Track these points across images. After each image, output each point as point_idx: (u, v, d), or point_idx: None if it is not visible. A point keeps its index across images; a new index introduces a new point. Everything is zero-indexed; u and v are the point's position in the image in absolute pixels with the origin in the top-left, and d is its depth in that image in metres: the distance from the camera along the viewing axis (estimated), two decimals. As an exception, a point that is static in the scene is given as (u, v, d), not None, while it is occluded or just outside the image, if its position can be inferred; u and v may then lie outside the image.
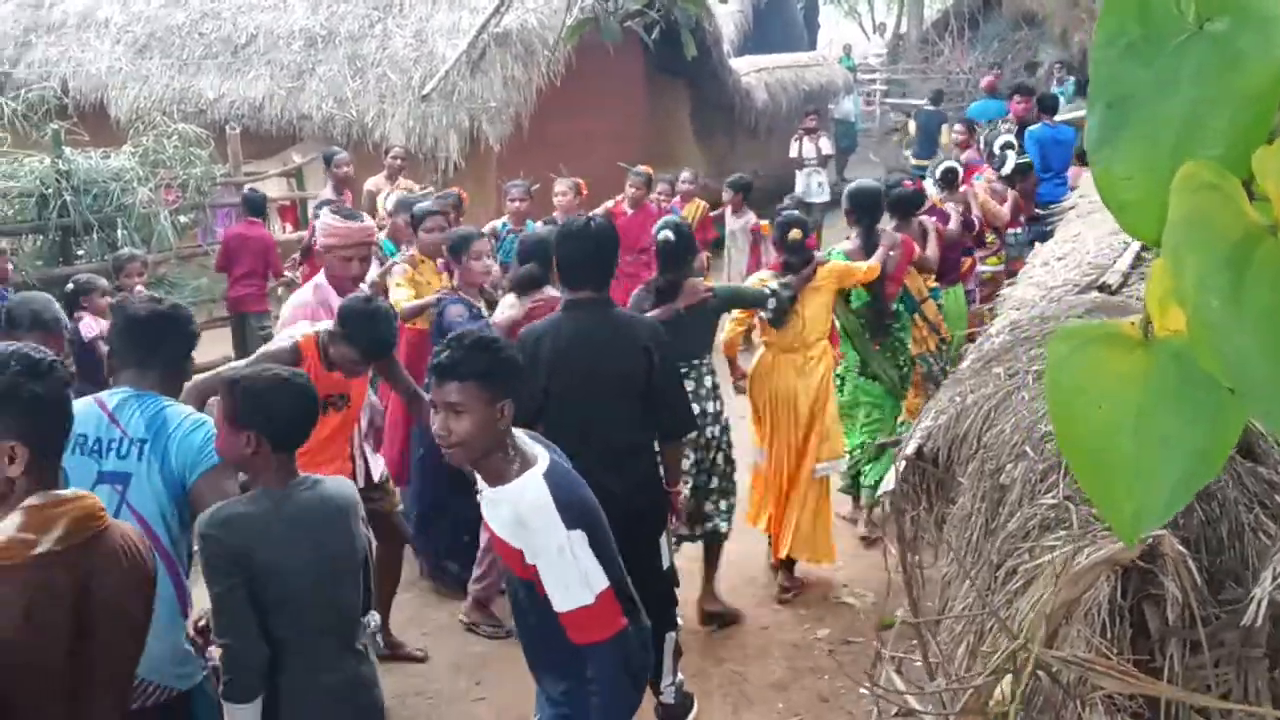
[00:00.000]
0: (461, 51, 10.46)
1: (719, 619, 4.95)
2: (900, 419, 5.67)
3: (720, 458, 4.83)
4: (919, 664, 2.62)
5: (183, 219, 8.41)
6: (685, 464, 4.51)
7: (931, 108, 15.01)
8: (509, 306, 4.89)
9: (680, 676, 4.24)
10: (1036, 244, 5.75)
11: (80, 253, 7.63)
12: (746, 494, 5.29)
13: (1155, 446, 0.78)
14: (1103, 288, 3.42)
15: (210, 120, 10.42)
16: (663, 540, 3.96)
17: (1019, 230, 8.28)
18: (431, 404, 2.63)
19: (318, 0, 11.58)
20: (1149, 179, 0.79)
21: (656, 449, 4.01)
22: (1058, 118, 10.09)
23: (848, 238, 5.76)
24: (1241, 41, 0.77)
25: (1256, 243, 0.74)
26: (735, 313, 5.29)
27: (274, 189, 10.12)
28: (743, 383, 5.43)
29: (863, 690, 4.01)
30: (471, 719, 4.31)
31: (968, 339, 4.88)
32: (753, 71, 14.98)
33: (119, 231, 7.60)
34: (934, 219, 6.56)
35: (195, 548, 2.76)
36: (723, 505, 4.87)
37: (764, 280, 5.25)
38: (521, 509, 2.54)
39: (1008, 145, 8.77)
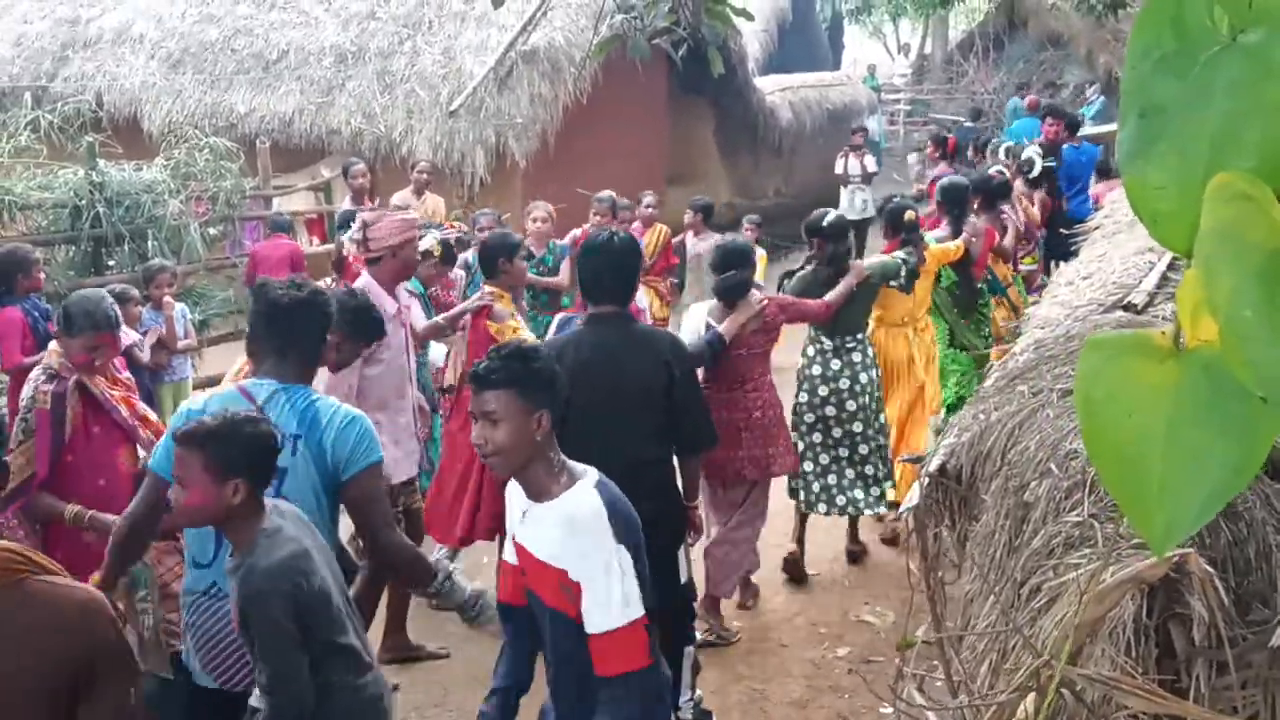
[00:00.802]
0: (489, 68, 10.55)
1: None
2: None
3: (873, 427, 5.46)
4: (941, 682, 2.61)
5: (212, 231, 8.49)
6: (819, 438, 5.39)
7: (970, 124, 15.64)
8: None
9: (699, 693, 4.23)
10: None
11: (111, 263, 7.72)
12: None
13: (1186, 457, 0.78)
14: (1128, 307, 3.40)
15: (241, 134, 10.55)
16: (680, 554, 3.96)
17: (1044, 231, 8.83)
18: (471, 415, 2.60)
19: (348, 18, 11.71)
20: (1182, 190, 0.80)
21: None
22: (1082, 132, 10.65)
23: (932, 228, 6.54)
24: (1275, 53, 0.77)
25: (1290, 254, 0.75)
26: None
27: (302, 203, 10.23)
28: None
29: (883, 709, 3.99)
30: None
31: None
32: (777, 90, 15.03)
33: (150, 243, 7.68)
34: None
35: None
36: (869, 471, 5.45)
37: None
38: (576, 518, 2.49)
39: (1035, 153, 9.37)
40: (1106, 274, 4.31)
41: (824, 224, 5.48)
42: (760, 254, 7.16)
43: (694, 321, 4.97)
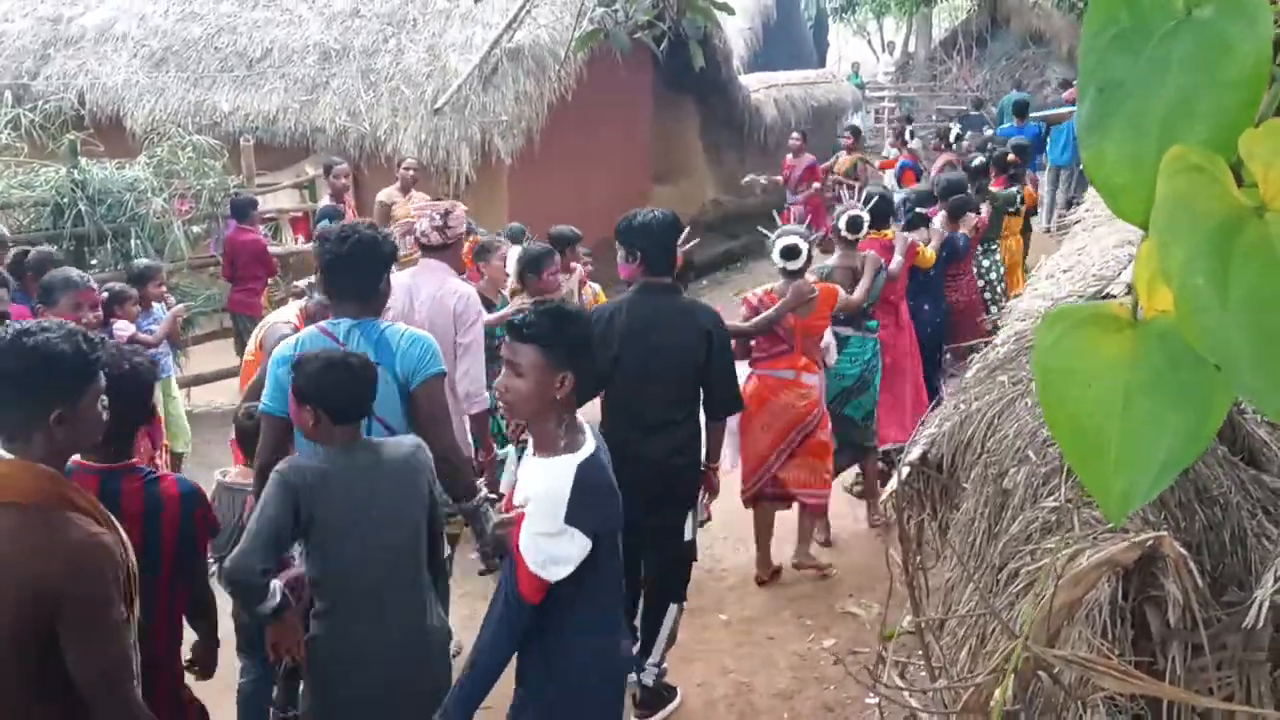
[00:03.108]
0: (474, 66, 10.53)
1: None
2: None
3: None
4: (924, 673, 2.63)
5: (195, 229, 8.47)
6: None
7: (975, 112, 17.16)
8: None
9: (665, 665, 4.33)
10: None
11: (94, 262, 7.68)
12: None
13: (1142, 426, 0.80)
14: (1107, 298, 3.43)
15: (225, 133, 10.50)
16: (690, 514, 4.23)
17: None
18: (504, 360, 2.75)
19: (332, 15, 11.68)
20: (1137, 163, 0.81)
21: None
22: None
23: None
24: (1228, 27, 0.78)
25: (1242, 224, 0.76)
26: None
27: (286, 200, 10.19)
28: None
29: (869, 699, 4.01)
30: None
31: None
32: (762, 88, 15.05)
33: (132, 241, 7.66)
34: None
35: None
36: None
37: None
38: (545, 486, 2.60)
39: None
40: (1087, 266, 4.35)
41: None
42: (595, 290, 6.65)
43: None
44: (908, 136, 13.47)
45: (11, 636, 2.18)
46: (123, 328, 5.61)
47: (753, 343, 5.31)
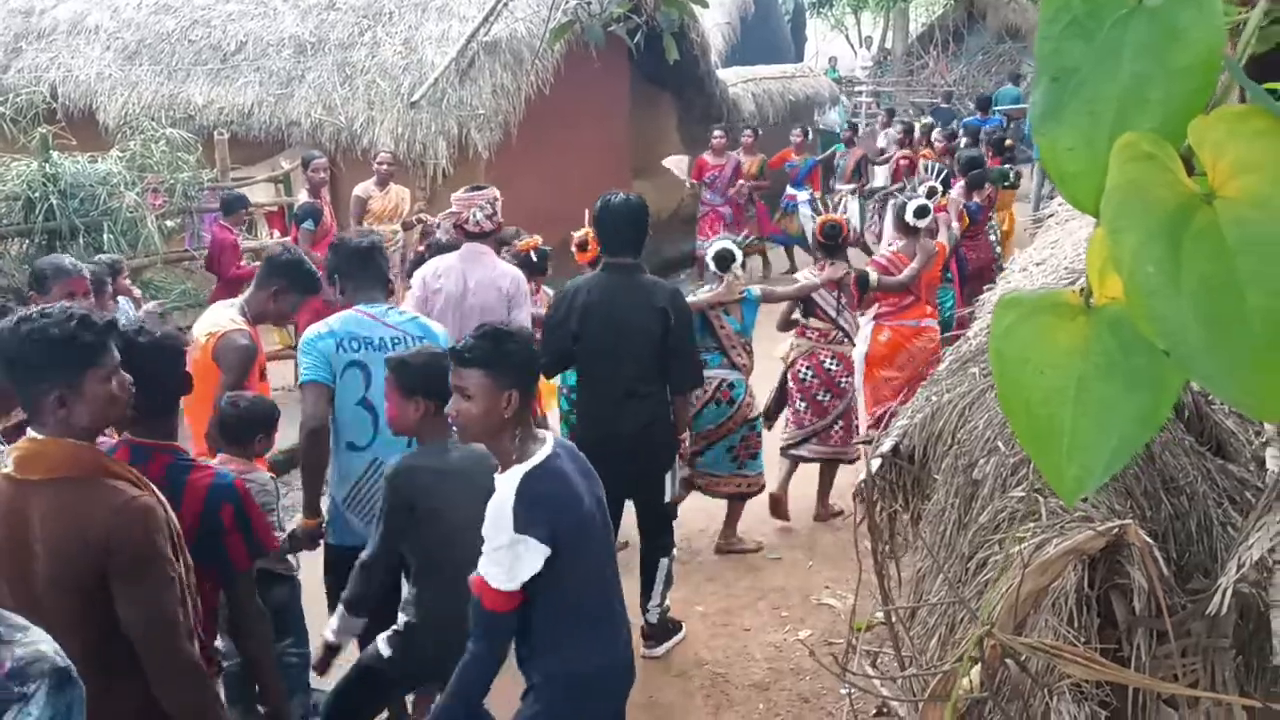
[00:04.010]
0: (450, 59, 10.48)
1: None
2: None
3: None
4: (895, 662, 2.64)
5: (169, 224, 8.39)
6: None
7: (945, 105, 18.28)
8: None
9: (667, 603, 4.69)
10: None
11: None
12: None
13: (1095, 411, 0.80)
14: (1081, 292, 3.45)
15: (199, 126, 10.40)
16: (667, 477, 4.59)
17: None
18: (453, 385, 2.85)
19: (307, 8, 11.59)
20: (1090, 150, 0.82)
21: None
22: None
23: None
24: (1179, 16, 0.79)
25: (1192, 211, 0.77)
26: None
27: (261, 195, 10.12)
28: None
29: (843, 690, 4.03)
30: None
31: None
32: (740, 82, 15.05)
33: (105, 235, 7.57)
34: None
35: None
36: None
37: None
38: (495, 501, 2.67)
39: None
40: (1059, 260, 4.37)
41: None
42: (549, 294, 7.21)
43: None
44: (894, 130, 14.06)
45: (78, 595, 2.35)
46: (125, 306, 5.74)
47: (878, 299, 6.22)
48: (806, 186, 12.49)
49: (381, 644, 3.30)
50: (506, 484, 2.69)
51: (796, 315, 6.03)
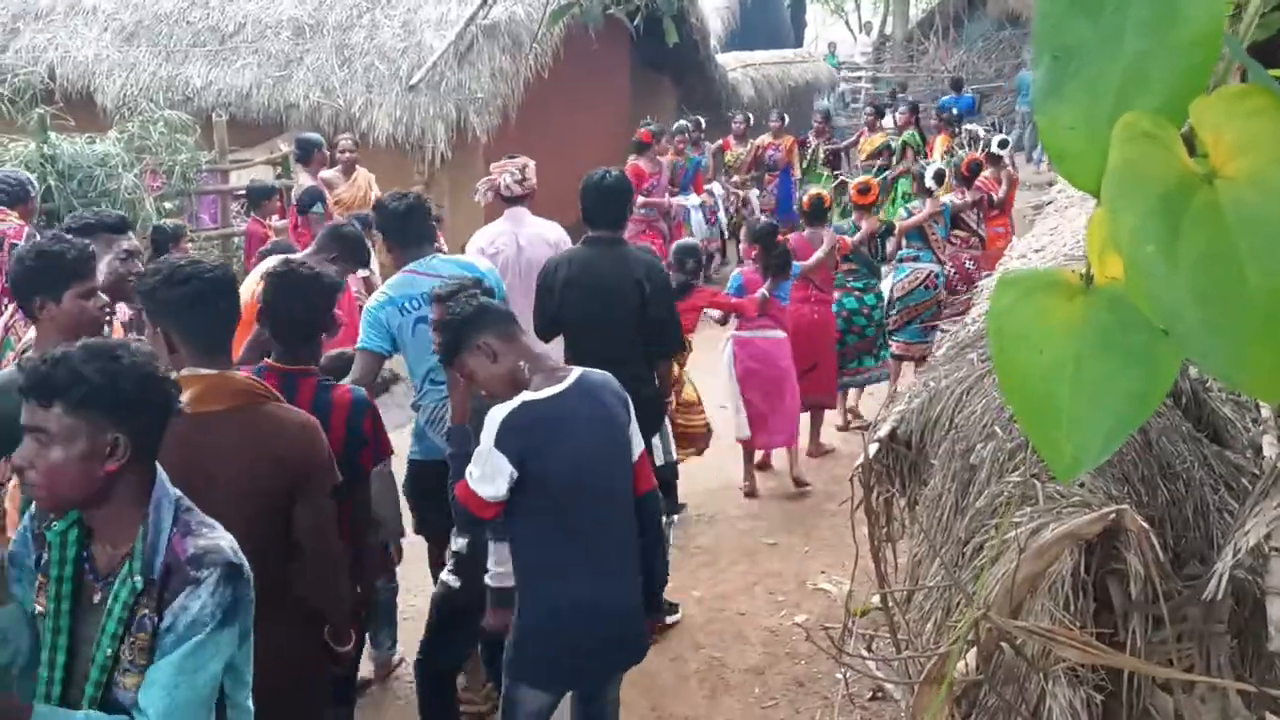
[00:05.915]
0: (449, 42, 10.44)
1: None
2: None
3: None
4: (891, 646, 2.64)
5: (167, 205, 8.36)
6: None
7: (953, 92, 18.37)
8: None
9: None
10: None
11: (63, 238, 7.59)
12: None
13: (1093, 390, 0.80)
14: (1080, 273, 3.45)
15: (197, 108, 10.36)
16: (656, 440, 4.66)
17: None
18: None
19: (306, -10, 11.55)
20: (1091, 130, 0.81)
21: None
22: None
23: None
24: (1180, -6, 0.79)
25: (1192, 190, 0.76)
26: None
27: (260, 177, 10.09)
28: None
29: (839, 674, 4.05)
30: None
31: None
32: (739, 67, 15.03)
33: (103, 217, 7.56)
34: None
35: None
36: None
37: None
38: (491, 412, 2.98)
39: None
40: (1058, 247, 4.37)
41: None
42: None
43: None
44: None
45: (258, 506, 2.60)
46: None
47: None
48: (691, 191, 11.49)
49: (447, 577, 3.55)
50: (507, 406, 2.96)
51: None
